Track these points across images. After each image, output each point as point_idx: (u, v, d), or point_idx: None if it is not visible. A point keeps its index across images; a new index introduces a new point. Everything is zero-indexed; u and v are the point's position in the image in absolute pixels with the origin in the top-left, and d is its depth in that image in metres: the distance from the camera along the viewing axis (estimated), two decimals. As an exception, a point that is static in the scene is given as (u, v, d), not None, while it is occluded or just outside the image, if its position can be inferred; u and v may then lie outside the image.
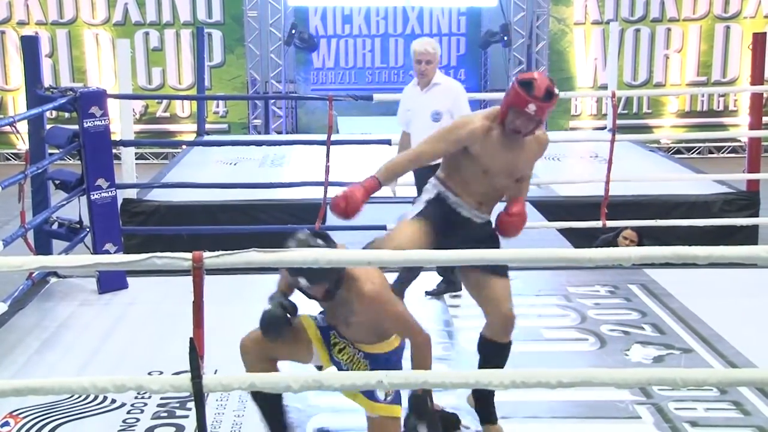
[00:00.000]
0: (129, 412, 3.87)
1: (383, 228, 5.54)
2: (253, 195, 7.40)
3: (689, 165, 9.57)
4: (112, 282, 5.52)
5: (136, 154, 8.38)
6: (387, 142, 6.23)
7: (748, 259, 2.67)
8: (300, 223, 6.27)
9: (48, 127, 5.79)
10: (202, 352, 2.61)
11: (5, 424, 3.74)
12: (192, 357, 2.59)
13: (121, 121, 7.37)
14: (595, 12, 13.07)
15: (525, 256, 2.89)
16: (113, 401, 3.96)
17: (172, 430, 3.74)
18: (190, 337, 2.60)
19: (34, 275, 5.33)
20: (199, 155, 9.69)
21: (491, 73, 14.06)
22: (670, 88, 13.19)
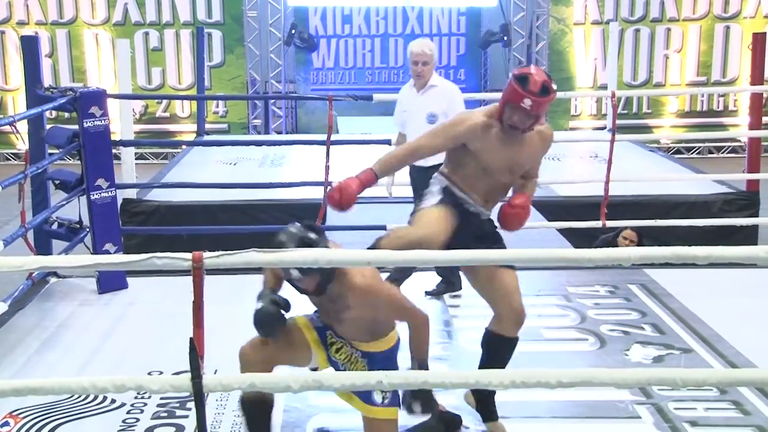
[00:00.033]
0: (129, 412, 3.87)
1: (383, 228, 5.53)
2: (253, 195, 7.40)
3: (689, 165, 9.57)
4: (112, 282, 5.52)
5: (135, 154, 8.37)
6: (387, 142, 6.22)
7: (748, 259, 2.67)
8: (300, 223, 6.26)
9: (48, 127, 5.80)
10: (202, 352, 2.62)
11: (5, 424, 3.74)
12: (192, 357, 2.59)
13: (120, 121, 7.37)
14: (595, 12, 13.07)
15: (525, 256, 2.89)
16: (113, 401, 3.95)
17: (172, 430, 3.74)
18: (190, 337, 2.60)
19: (34, 275, 5.33)
20: (198, 155, 9.68)
21: (491, 73, 14.05)
22: (669, 88, 13.19)
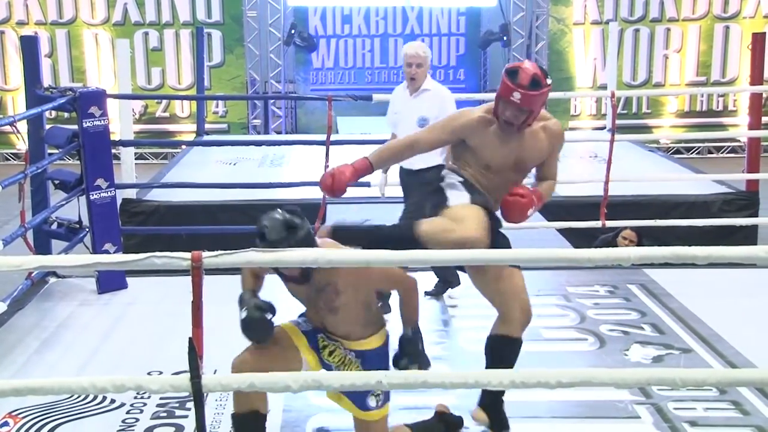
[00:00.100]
0: (128, 412, 3.87)
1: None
2: (252, 195, 7.39)
3: (689, 165, 9.57)
4: (111, 282, 5.52)
5: (135, 154, 8.38)
6: (386, 142, 6.21)
7: (747, 259, 2.67)
8: (299, 222, 6.25)
9: (47, 127, 5.80)
10: (201, 352, 2.62)
11: (5, 424, 3.74)
12: (191, 357, 2.59)
13: (120, 121, 7.37)
14: (595, 12, 13.07)
15: (525, 256, 2.89)
16: (113, 401, 3.95)
17: (171, 430, 3.73)
18: (189, 337, 2.60)
19: (33, 275, 5.32)
20: (198, 155, 9.68)
21: (491, 73, 14.04)
22: (669, 88, 13.19)
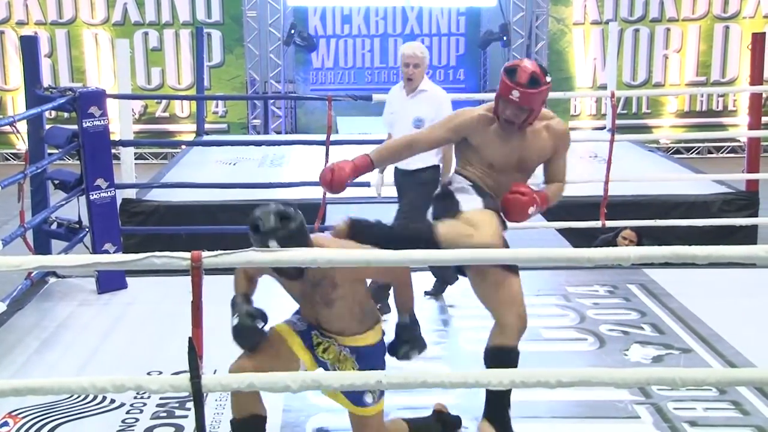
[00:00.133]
0: (128, 412, 3.87)
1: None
2: (252, 195, 7.37)
3: (688, 165, 9.57)
4: (111, 282, 5.52)
5: (135, 154, 8.39)
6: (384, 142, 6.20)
7: (747, 259, 2.67)
8: (299, 223, 6.25)
9: (47, 127, 5.79)
10: (201, 351, 2.61)
11: (4, 424, 3.74)
12: (191, 357, 2.59)
13: (120, 121, 7.37)
14: (594, 12, 13.07)
15: (524, 256, 2.89)
16: (112, 401, 3.95)
17: (171, 430, 3.73)
18: (189, 337, 2.60)
19: (33, 275, 5.32)
20: (198, 155, 9.68)
21: (490, 73, 14.04)
22: (669, 88, 13.19)
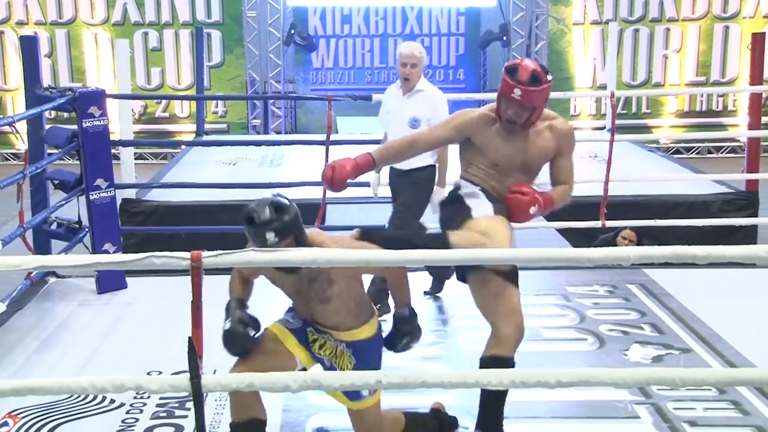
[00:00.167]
0: (128, 412, 3.87)
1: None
2: (252, 195, 7.23)
3: (688, 165, 9.57)
4: (111, 282, 5.52)
5: (135, 154, 8.38)
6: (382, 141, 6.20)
7: (747, 259, 2.67)
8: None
9: (47, 127, 5.80)
10: (201, 351, 2.61)
11: (4, 424, 3.74)
12: (191, 357, 2.59)
13: (120, 121, 7.37)
14: (594, 12, 13.07)
15: (524, 256, 2.89)
16: (112, 401, 3.95)
17: (171, 430, 3.73)
18: (189, 337, 2.60)
19: (32, 275, 5.32)
20: (198, 155, 9.67)
21: (490, 73, 14.04)
22: (669, 88, 13.19)
